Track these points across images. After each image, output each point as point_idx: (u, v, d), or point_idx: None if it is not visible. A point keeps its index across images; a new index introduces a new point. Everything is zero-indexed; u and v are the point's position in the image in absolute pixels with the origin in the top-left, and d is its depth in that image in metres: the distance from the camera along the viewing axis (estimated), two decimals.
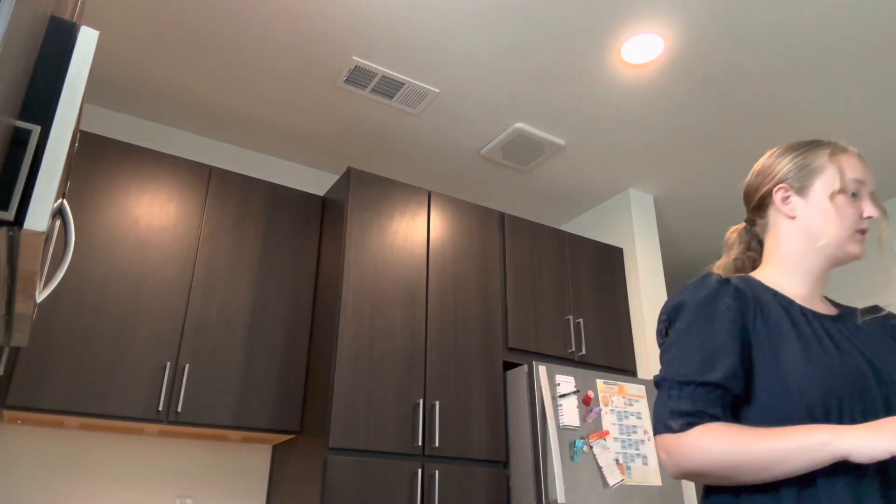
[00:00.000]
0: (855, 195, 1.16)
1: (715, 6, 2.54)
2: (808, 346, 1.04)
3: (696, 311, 1.08)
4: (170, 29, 2.72)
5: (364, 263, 2.83)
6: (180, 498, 2.76)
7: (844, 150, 1.20)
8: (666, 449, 1.01)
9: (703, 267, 4.81)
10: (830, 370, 1.01)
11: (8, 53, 0.75)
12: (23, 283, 1.15)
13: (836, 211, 1.15)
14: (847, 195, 1.15)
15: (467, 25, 2.67)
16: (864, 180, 1.17)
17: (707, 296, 1.09)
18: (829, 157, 1.19)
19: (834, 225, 1.15)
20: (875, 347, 1.09)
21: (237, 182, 2.99)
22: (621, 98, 3.07)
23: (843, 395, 0.99)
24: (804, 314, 1.10)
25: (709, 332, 1.06)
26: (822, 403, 0.99)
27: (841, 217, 1.15)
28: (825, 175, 1.18)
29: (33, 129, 0.95)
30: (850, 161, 1.18)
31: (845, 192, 1.15)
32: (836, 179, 1.16)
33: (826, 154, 1.20)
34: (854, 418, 0.98)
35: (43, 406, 2.31)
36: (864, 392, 1.00)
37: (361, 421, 2.56)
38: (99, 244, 2.59)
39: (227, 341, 2.71)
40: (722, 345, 1.04)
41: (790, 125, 3.23)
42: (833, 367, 1.01)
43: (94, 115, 3.18)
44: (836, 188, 1.16)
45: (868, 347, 1.08)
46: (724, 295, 1.09)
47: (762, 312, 1.09)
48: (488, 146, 3.46)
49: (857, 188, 1.16)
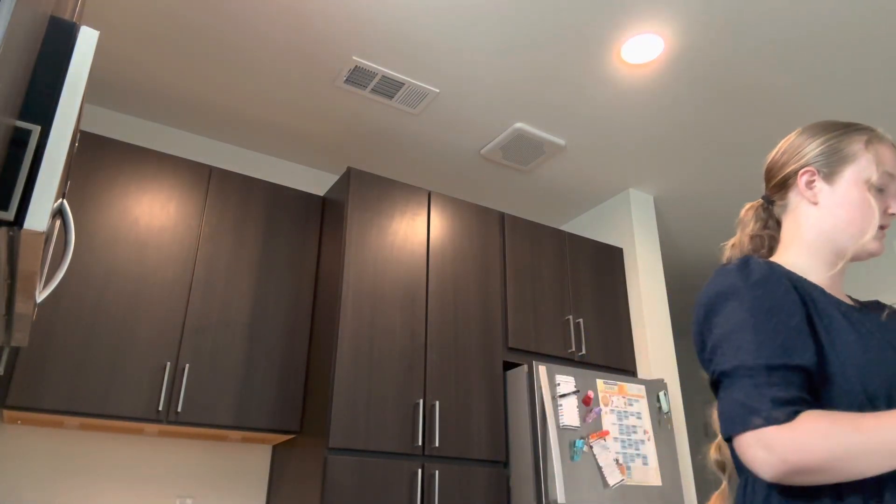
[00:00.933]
0: (882, 190, 1.08)
1: (715, 6, 2.54)
2: (861, 335, 0.98)
3: (757, 293, 0.98)
4: (170, 29, 2.72)
5: (364, 263, 2.83)
6: (180, 498, 2.76)
7: (881, 138, 1.12)
8: (768, 444, 0.87)
9: (703, 267, 4.81)
10: (885, 361, 0.96)
11: (8, 53, 0.75)
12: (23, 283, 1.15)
13: (862, 204, 1.07)
14: (875, 189, 1.08)
15: (467, 25, 2.67)
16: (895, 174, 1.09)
17: (763, 276, 0.99)
18: (866, 145, 1.10)
19: (858, 218, 1.07)
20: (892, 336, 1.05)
21: (237, 182, 2.99)
22: (621, 98, 3.07)
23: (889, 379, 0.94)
24: (838, 304, 1.03)
25: (780, 314, 0.96)
26: (885, 393, 0.93)
27: (867, 211, 1.07)
28: (857, 164, 1.09)
29: (33, 129, 0.95)
30: (887, 152, 1.10)
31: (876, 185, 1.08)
32: (870, 170, 1.08)
33: (862, 141, 1.11)
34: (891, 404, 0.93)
35: (43, 406, 2.31)
36: None
37: (361, 421, 2.56)
38: (99, 244, 2.59)
39: (227, 341, 2.71)
40: (797, 327, 0.95)
41: (791, 125, 3.23)
42: (887, 358, 0.96)
43: (94, 115, 3.19)
44: (869, 180, 1.08)
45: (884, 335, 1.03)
46: (781, 275, 1.01)
47: (810, 297, 1.02)
48: (488, 146, 3.46)
49: (886, 182, 1.08)
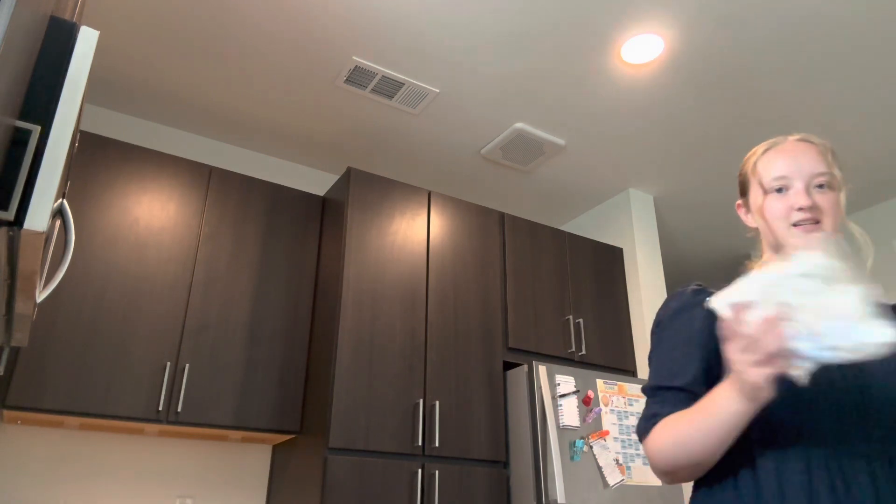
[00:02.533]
0: (781, 190, 1.11)
1: (715, 6, 2.54)
2: None
3: (666, 324, 1.14)
4: (170, 29, 2.72)
5: (364, 263, 2.83)
6: (180, 498, 2.76)
7: (770, 148, 1.16)
8: (645, 454, 1.06)
9: (703, 267, 4.81)
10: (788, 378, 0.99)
11: (8, 53, 0.75)
12: (23, 283, 1.15)
13: (764, 218, 1.13)
14: (773, 195, 1.12)
15: (467, 25, 2.67)
16: (788, 174, 1.11)
17: (676, 308, 1.15)
18: (752, 169, 1.17)
19: (769, 232, 1.13)
20: None
21: (237, 182, 2.99)
22: (621, 98, 3.07)
23: (801, 399, 0.98)
24: None
25: (676, 343, 1.11)
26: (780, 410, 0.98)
27: (769, 220, 1.12)
28: (751, 188, 1.17)
29: (33, 129, 0.95)
30: (769, 160, 1.14)
31: (769, 194, 1.12)
32: (758, 190, 1.14)
33: (751, 165, 1.18)
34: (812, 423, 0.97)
35: (43, 406, 2.31)
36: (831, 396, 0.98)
37: (361, 421, 2.56)
38: (99, 244, 2.59)
39: (227, 341, 2.71)
40: (688, 354, 1.08)
41: (791, 125, 3.23)
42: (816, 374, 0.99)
43: (94, 115, 3.18)
44: (759, 202, 1.14)
45: None
46: (692, 305, 1.12)
47: None
48: (488, 146, 3.46)
49: (781, 184, 1.11)
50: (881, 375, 1.01)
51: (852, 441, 0.96)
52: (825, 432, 0.97)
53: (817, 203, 1.08)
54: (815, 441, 0.97)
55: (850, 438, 0.96)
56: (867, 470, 0.94)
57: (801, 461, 0.96)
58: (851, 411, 0.98)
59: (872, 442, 0.96)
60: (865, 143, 3.36)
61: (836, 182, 1.11)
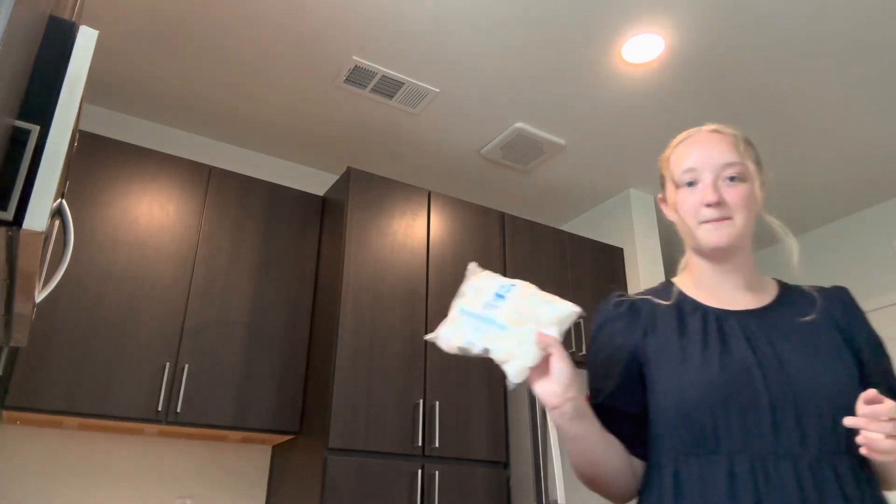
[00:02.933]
0: (692, 184, 1.09)
1: (715, 6, 2.54)
2: (689, 357, 1.02)
3: (592, 339, 1.16)
4: (169, 29, 2.71)
5: (364, 263, 2.82)
6: (180, 498, 2.75)
7: (684, 140, 1.14)
8: None
9: None
10: (702, 382, 0.98)
11: (7, 53, 0.75)
12: (22, 283, 1.15)
13: (678, 214, 1.11)
14: (685, 189, 1.09)
15: (467, 25, 2.66)
16: (697, 166, 1.08)
17: (599, 323, 1.15)
18: (665, 162, 1.15)
19: (683, 225, 1.11)
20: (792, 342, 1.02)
21: (237, 182, 2.99)
22: (622, 98, 3.07)
23: (717, 404, 0.96)
24: (705, 318, 1.07)
25: (597, 360, 1.12)
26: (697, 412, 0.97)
27: (682, 215, 1.10)
28: (666, 181, 1.16)
29: (32, 129, 0.95)
30: (680, 153, 1.12)
31: (680, 188, 1.10)
32: (671, 184, 1.13)
33: (665, 158, 1.16)
34: (731, 427, 0.95)
35: (42, 406, 2.30)
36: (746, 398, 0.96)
37: (361, 421, 2.56)
38: (98, 244, 2.58)
39: (226, 341, 2.70)
40: (606, 370, 1.10)
41: (791, 125, 3.23)
42: (707, 378, 0.98)
43: (93, 115, 3.18)
44: (672, 197, 1.12)
45: (782, 344, 1.02)
46: (615, 318, 1.13)
47: (654, 328, 1.09)
48: (488, 146, 3.46)
49: (691, 177, 1.08)
50: (806, 375, 0.97)
51: (776, 441, 0.93)
52: (746, 435, 0.95)
53: (725, 198, 1.05)
54: (736, 444, 0.94)
55: (774, 439, 0.94)
56: (793, 472, 0.91)
57: (724, 466, 0.94)
58: (772, 411, 0.95)
59: (797, 441, 0.93)
60: (866, 142, 3.36)
61: (748, 173, 1.07)
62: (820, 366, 0.98)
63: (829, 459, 0.93)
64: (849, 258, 4.00)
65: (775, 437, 0.94)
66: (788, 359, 0.99)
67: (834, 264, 4.08)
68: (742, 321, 1.06)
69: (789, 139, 3.34)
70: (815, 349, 1.01)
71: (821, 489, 0.91)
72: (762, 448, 0.94)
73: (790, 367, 0.98)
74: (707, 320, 1.06)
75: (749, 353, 1.00)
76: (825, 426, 0.93)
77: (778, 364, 0.98)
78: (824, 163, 3.53)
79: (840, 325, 1.06)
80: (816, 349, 1.01)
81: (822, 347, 1.01)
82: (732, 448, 0.95)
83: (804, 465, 0.92)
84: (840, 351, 1.02)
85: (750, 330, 1.04)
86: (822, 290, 1.13)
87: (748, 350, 1.00)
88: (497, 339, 0.96)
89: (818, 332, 1.04)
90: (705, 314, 1.08)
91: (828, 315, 1.07)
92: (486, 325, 0.97)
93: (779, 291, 1.14)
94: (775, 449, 0.93)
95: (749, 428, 0.95)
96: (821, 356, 1.00)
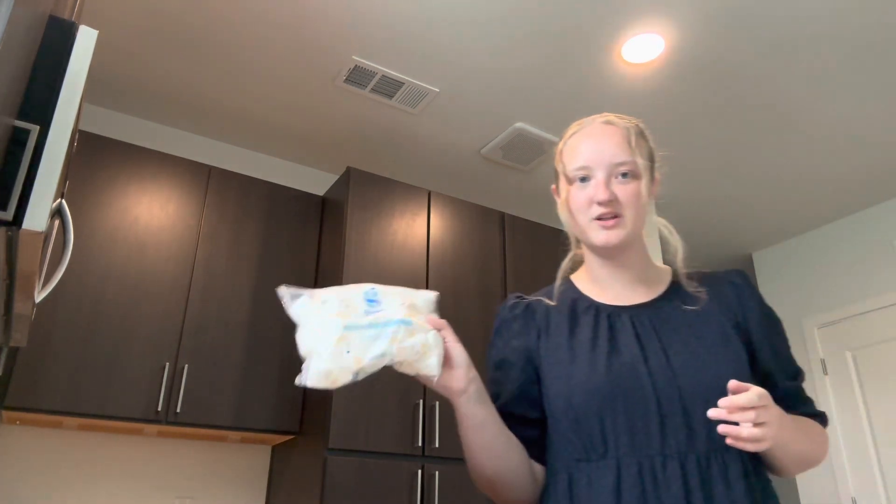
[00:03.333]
0: (585, 180, 1.06)
1: (716, 6, 2.54)
2: (576, 359, 1.00)
3: (491, 342, 1.13)
4: (169, 28, 2.71)
5: (364, 263, 2.82)
6: (179, 498, 2.75)
7: (579, 132, 1.10)
8: None
9: (702, 267, 4.80)
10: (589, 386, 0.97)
11: (7, 53, 0.75)
12: (22, 283, 1.15)
13: (569, 208, 1.08)
14: (577, 184, 1.06)
15: (467, 25, 2.66)
16: (589, 164, 1.05)
17: (496, 326, 1.13)
18: (559, 155, 1.12)
19: (573, 223, 1.08)
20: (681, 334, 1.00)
21: (237, 182, 2.99)
22: (622, 98, 3.07)
23: (604, 408, 0.95)
24: (597, 316, 1.06)
25: (495, 363, 1.10)
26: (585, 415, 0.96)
27: (573, 212, 1.07)
28: (559, 174, 1.12)
29: (32, 129, 0.95)
30: (573, 147, 1.08)
31: (573, 184, 1.07)
32: (563, 179, 1.09)
33: (558, 151, 1.13)
34: (618, 431, 0.94)
35: (42, 406, 2.30)
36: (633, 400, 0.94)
37: (361, 421, 2.56)
38: (98, 244, 2.58)
39: (226, 341, 2.70)
40: (503, 374, 1.08)
41: (791, 125, 3.23)
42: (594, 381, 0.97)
43: (93, 114, 3.18)
44: (564, 192, 1.09)
45: (670, 337, 1.00)
46: (510, 320, 1.11)
47: (547, 329, 1.08)
48: (488, 146, 3.46)
49: (583, 174, 1.05)
50: (692, 368, 0.96)
51: (664, 441, 0.92)
52: (634, 437, 0.93)
53: (617, 196, 1.03)
54: (623, 448, 0.93)
55: (662, 439, 0.92)
56: (680, 471, 0.90)
57: (612, 472, 0.92)
58: (659, 410, 0.93)
59: (685, 438, 0.92)
60: (866, 142, 3.36)
61: (638, 170, 1.05)
62: (706, 356, 0.96)
63: (718, 454, 0.91)
64: (849, 258, 4.00)
65: (663, 437, 0.92)
66: (676, 352, 0.97)
67: (834, 264, 4.07)
68: (635, 316, 1.04)
69: (789, 139, 3.34)
70: (701, 339, 0.99)
71: (707, 487, 0.89)
72: (650, 449, 0.92)
73: (676, 361, 0.96)
74: (599, 318, 1.05)
75: (637, 350, 0.98)
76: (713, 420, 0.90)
77: (665, 360, 0.97)
78: (824, 163, 3.53)
79: (731, 310, 1.04)
80: (702, 339, 0.99)
81: (709, 336, 0.99)
82: (620, 452, 0.93)
83: (692, 463, 0.90)
84: (727, 338, 0.99)
85: (641, 325, 1.02)
86: (715, 274, 1.11)
87: (636, 347, 0.99)
88: (407, 336, 0.87)
89: (707, 320, 1.02)
90: (598, 312, 1.06)
91: (718, 301, 1.05)
92: (391, 328, 0.86)
93: (671, 281, 1.11)
94: (663, 449, 0.92)
95: (637, 430, 0.93)
96: (707, 346, 0.98)
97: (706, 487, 0.89)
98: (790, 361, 1.06)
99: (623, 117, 1.11)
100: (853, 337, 3.87)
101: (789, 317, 4.23)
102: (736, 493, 0.89)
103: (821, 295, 4.09)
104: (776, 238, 4.38)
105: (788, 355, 1.06)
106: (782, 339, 1.07)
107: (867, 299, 3.83)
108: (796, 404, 1.03)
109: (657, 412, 0.93)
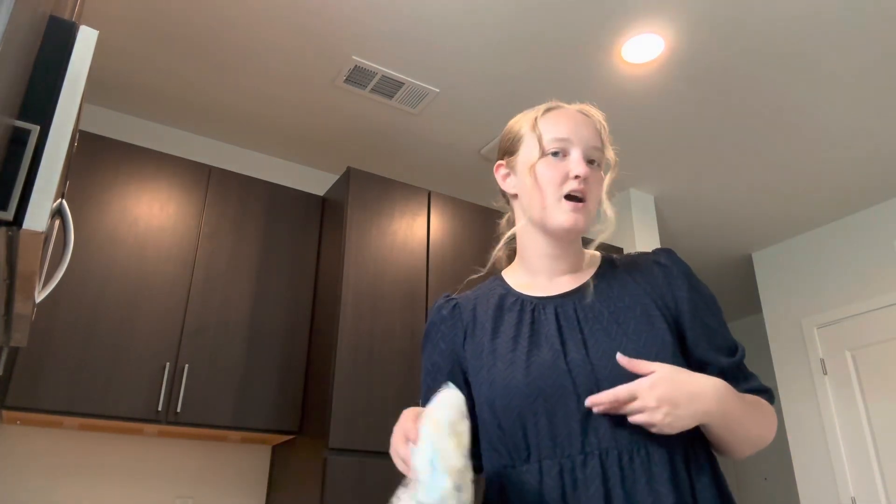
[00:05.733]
0: (557, 154, 1.02)
1: (716, 6, 2.54)
2: (497, 361, 0.97)
3: (423, 345, 1.11)
4: (169, 28, 2.71)
5: (364, 263, 2.82)
6: (180, 498, 2.75)
7: (555, 109, 1.08)
8: None
9: (702, 267, 4.81)
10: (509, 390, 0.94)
11: (7, 53, 0.75)
12: (22, 283, 1.15)
13: (534, 180, 1.02)
14: (549, 158, 1.02)
15: (467, 25, 2.66)
16: (570, 137, 1.02)
17: (426, 328, 1.12)
18: (532, 125, 1.07)
19: (535, 195, 1.02)
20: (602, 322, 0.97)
21: (237, 182, 2.99)
22: (622, 98, 3.07)
23: (525, 411, 0.92)
24: (521, 311, 1.02)
25: (427, 367, 1.09)
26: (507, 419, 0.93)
27: (541, 185, 1.01)
28: (525, 144, 1.07)
29: (32, 129, 0.95)
30: (553, 119, 1.06)
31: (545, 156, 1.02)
32: (535, 148, 1.04)
33: (529, 121, 1.08)
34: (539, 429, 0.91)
35: (42, 406, 2.30)
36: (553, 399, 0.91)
37: (361, 421, 2.56)
38: (98, 244, 2.58)
39: (226, 341, 2.70)
40: (435, 378, 1.06)
41: (791, 124, 3.23)
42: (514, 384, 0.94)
43: (93, 114, 3.18)
44: (532, 159, 1.03)
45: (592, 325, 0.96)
46: (438, 322, 1.10)
47: (473, 328, 1.05)
48: (488, 146, 3.46)
49: (559, 147, 1.02)
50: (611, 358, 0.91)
51: (585, 439, 0.88)
52: (555, 438, 0.90)
53: (589, 178, 1.01)
54: (545, 451, 0.90)
55: (583, 437, 0.89)
56: (600, 469, 0.86)
57: (535, 476, 0.90)
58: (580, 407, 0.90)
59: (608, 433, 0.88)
60: (866, 142, 3.36)
61: (603, 161, 1.06)
62: (626, 344, 0.93)
63: (641, 447, 0.87)
64: (849, 258, 4.00)
65: (584, 435, 0.89)
66: (595, 342, 0.94)
67: (834, 264, 4.08)
68: (559, 306, 1.00)
69: (789, 139, 3.34)
70: (622, 325, 0.95)
71: (629, 482, 0.85)
72: (571, 449, 0.88)
73: (595, 353, 0.93)
74: (523, 314, 1.02)
75: (558, 345, 0.95)
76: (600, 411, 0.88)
77: (584, 353, 0.93)
78: (824, 163, 3.53)
79: (658, 291, 1.00)
80: (624, 325, 0.95)
81: (631, 322, 0.96)
82: (542, 455, 0.90)
83: (613, 458, 0.87)
84: (651, 320, 0.96)
85: (565, 316, 0.99)
86: (642, 255, 1.08)
87: (557, 342, 0.95)
88: None
89: (631, 304, 0.98)
90: (522, 306, 1.03)
91: (644, 283, 1.01)
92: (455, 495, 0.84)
93: (598, 267, 1.08)
94: (584, 447, 0.88)
95: (558, 430, 0.90)
96: (628, 333, 0.94)
97: (626, 483, 0.85)
98: (725, 338, 0.99)
99: (596, 110, 1.11)
100: (853, 337, 3.87)
101: (789, 317, 4.23)
102: (659, 485, 0.85)
103: (820, 295, 4.09)
104: (776, 238, 4.38)
105: (723, 332, 1.00)
106: (714, 315, 1.00)
107: (867, 299, 3.83)
108: (738, 381, 0.96)
109: (578, 409, 0.90)
